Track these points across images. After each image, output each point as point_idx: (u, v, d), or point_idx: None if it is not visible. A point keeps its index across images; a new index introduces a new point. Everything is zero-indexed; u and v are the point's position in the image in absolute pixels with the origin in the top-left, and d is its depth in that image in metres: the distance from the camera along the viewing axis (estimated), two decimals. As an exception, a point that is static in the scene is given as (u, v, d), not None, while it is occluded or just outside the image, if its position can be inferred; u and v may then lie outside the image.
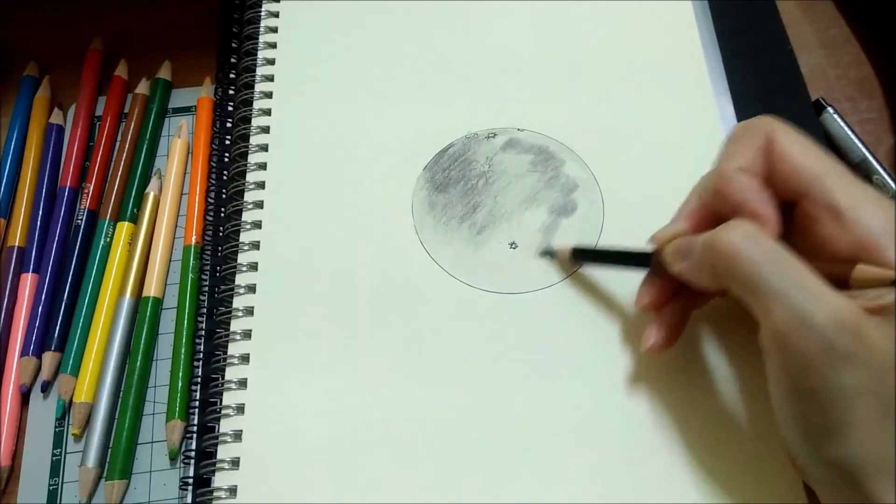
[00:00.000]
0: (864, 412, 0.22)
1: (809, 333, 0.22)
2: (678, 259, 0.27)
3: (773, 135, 0.26)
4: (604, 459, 0.29)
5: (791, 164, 0.25)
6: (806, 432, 0.23)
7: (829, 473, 0.23)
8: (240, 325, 0.32)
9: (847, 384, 0.22)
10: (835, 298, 0.22)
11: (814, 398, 0.22)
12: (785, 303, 0.22)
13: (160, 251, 0.36)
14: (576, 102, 0.38)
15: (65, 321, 0.34)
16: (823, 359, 0.22)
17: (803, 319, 0.22)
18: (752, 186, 0.25)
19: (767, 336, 0.23)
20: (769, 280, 0.23)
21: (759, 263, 0.23)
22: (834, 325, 0.22)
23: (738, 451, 0.29)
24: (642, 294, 0.29)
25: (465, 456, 0.29)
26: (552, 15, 0.40)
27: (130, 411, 0.32)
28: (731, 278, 0.24)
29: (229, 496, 0.29)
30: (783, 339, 0.22)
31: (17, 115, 0.39)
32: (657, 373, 0.31)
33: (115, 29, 0.43)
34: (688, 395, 0.30)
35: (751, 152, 0.26)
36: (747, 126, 0.27)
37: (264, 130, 0.37)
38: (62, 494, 0.31)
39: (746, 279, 0.23)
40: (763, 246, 0.24)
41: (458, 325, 0.32)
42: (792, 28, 0.42)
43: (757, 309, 0.23)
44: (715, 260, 0.24)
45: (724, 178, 0.26)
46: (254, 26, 0.40)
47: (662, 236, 0.28)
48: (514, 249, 0.34)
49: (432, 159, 0.36)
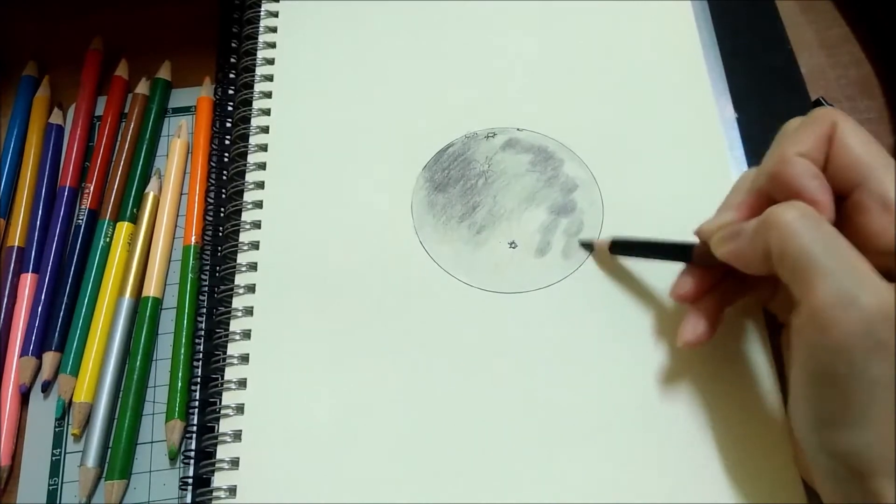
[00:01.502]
0: (886, 407, 0.22)
1: (852, 315, 0.22)
2: (727, 241, 0.27)
3: (836, 125, 0.26)
4: (601, 459, 0.29)
5: (850, 154, 0.25)
6: (821, 419, 0.23)
7: (834, 465, 0.23)
8: (239, 325, 0.32)
9: (876, 374, 0.22)
10: (883, 287, 0.22)
11: (838, 383, 0.22)
12: (833, 282, 0.22)
13: (160, 251, 0.36)
14: (575, 102, 0.38)
15: (65, 321, 0.34)
16: (860, 343, 0.22)
17: (850, 300, 0.22)
18: (811, 172, 0.25)
19: (806, 314, 0.23)
20: (820, 258, 0.23)
21: (812, 241, 0.23)
22: (878, 311, 0.22)
23: (738, 451, 0.29)
24: (681, 283, 0.29)
25: (465, 456, 0.29)
26: (552, 15, 0.40)
27: (130, 411, 0.32)
28: (783, 255, 0.24)
29: (229, 496, 0.29)
30: (823, 317, 0.22)
31: (17, 114, 0.40)
32: (657, 373, 0.31)
33: (115, 29, 0.43)
34: (688, 395, 0.30)
35: (812, 140, 0.26)
36: (810, 116, 0.27)
37: (263, 130, 0.37)
38: (62, 494, 0.31)
39: (798, 256, 0.23)
40: (818, 226, 0.24)
41: (457, 325, 0.32)
42: (792, 28, 0.42)
43: (802, 287, 0.23)
44: (769, 236, 0.24)
45: (785, 161, 0.26)
46: (253, 26, 0.40)
47: (709, 227, 0.28)
48: (514, 249, 0.34)
49: (432, 159, 0.36)
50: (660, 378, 0.31)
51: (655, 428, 0.30)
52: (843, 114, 0.26)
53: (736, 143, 0.36)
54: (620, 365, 0.31)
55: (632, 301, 0.32)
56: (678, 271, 0.30)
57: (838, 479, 0.23)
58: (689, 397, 0.30)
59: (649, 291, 0.32)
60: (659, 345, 0.31)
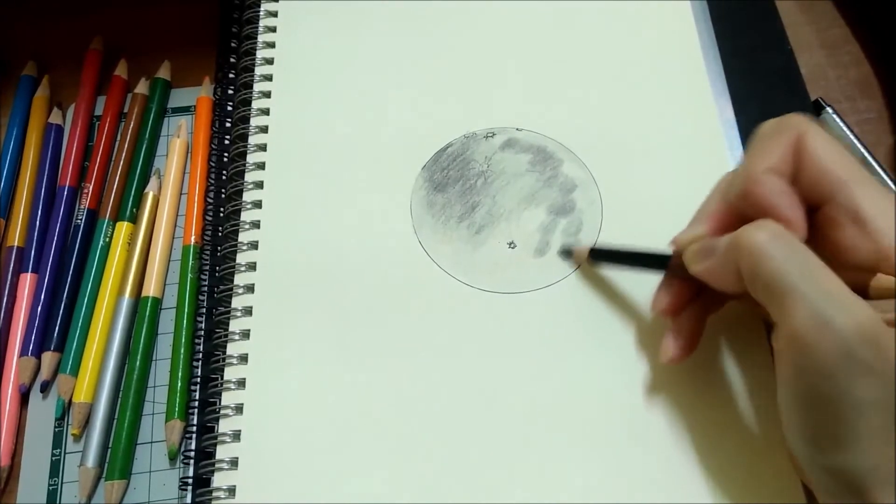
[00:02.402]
0: (874, 424, 0.21)
1: (829, 338, 0.21)
2: (700, 259, 0.26)
3: (805, 136, 0.25)
4: (601, 459, 0.29)
5: (819, 166, 0.25)
6: (812, 438, 0.23)
7: (830, 480, 0.23)
8: (239, 325, 0.32)
9: (861, 394, 0.21)
10: (858, 306, 0.22)
11: (824, 404, 0.22)
12: (807, 305, 0.22)
13: (159, 251, 0.36)
14: (574, 102, 0.38)
15: (64, 321, 0.34)
16: (840, 365, 0.21)
17: (825, 323, 0.21)
18: (781, 190, 0.25)
19: (784, 338, 0.23)
20: (793, 281, 0.22)
21: (784, 264, 0.23)
22: (855, 332, 0.21)
23: (738, 450, 0.29)
24: (659, 298, 0.29)
25: (465, 455, 0.29)
26: (551, 15, 0.40)
27: (130, 411, 0.32)
28: (755, 278, 0.23)
29: (228, 496, 0.29)
30: (801, 342, 0.22)
31: (17, 114, 0.40)
32: (656, 373, 0.31)
33: (115, 29, 0.43)
34: (688, 395, 0.30)
35: (780, 152, 0.25)
36: (778, 124, 0.26)
37: (263, 130, 0.37)
38: (62, 494, 0.31)
39: (770, 279, 0.23)
40: (790, 247, 0.23)
41: (456, 325, 0.32)
42: (792, 28, 0.42)
43: (777, 310, 0.23)
44: (740, 258, 0.24)
45: (753, 180, 0.25)
46: (253, 26, 0.40)
47: (684, 239, 0.28)
48: (513, 249, 0.34)
49: (431, 159, 0.36)
50: (658, 378, 0.31)
51: (654, 428, 0.30)
52: (812, 123, 0.26)
53: (735, 143, 0.36)
54: (619, 365, 0.31)
55: (631, 301, 0.32)
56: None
57: (836, 493, 0.23)
58: (688, 397, 0.30)
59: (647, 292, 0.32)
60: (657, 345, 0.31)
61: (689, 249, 0.27)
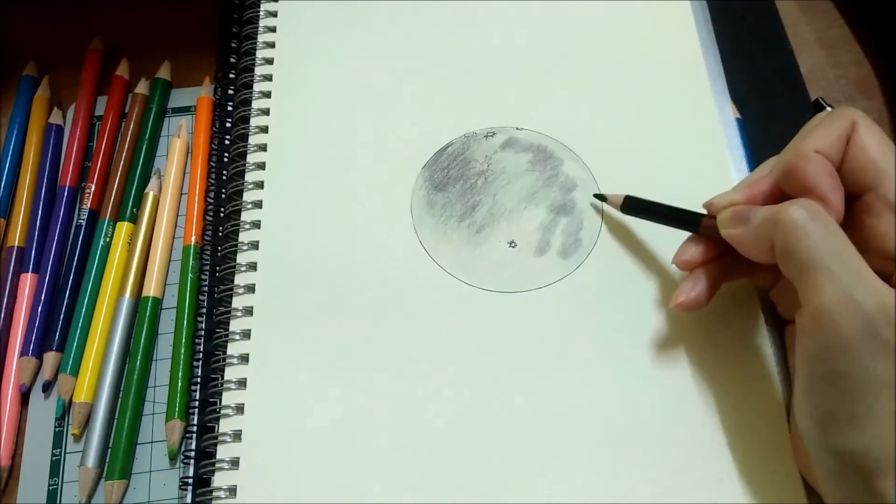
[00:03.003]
0: (889, 405, 0.22)
1: (855, 315, 0.22)
2: (734, 224, 0.27)
3: (856, 125, 0.26)
4: (602, 458, 0.29)
5: (866, 156, 0.26)
6: (826, 417, 0.24)
7: (839, 465, 0.23)
8: (239, 324, 0.32)
9: (881, 373, 0.22)
10: (885, 289, 0.23)
11: (843, 381, 0.23)
12: (837, 283, 0.23)
13: (160, 251, 0.36)
14: (575, 102, 0.38)
15: (65, 321, 0.34)
16: (864, 343, 0.22)
17: (852, 302, 0.22)
18: (826, 170, 0.26)
19: (809, 314, 0.23)
20: (826, 260, 0.23)
21: (819, 243, 0.24)
22: (880, 312, 0.22)
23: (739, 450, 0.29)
24: (683, 251, 0.30)
25: (465, 455, 0.29)
26: (551, 14, 0.40)
27: (130, 411, 0.32)
28: (789, 253, 0.24)
29: (229, 496, 0.29)
30: (827, 318, 0.23)
31: (17, 114, 0.40)
32: (657, 372, 0.31)
33: (115, 29, 0.43)
34: (689, 394, 0.30)
35: (831, 138, 0.26)
36: (832, 113, 0.27)
37: (263, 130, 0.37)
38: (62, 494, 0.31)
39: (804, 256, 0.24)
40: (826, 228, 0.24)
41: (457, 324, 0.32)
42: (792, 28, 0.42)
43: (805, 286, 0.24)
44: (776, 232, 0.25)
45: (801, 156, 0.26)
46: (252, 26, 0.40)
47: (719, 202, 0.28)
48: (514, 248, 0.34)
49: (431, 158, 0.36)
50: (658, 377, 0.31)
51: (654, 427, 0.30)
52: (865, 115, 0.27)
53: (735, 143, 0.36)
54: (619, 364, 0.31)
55: (631, 300, 0.32)
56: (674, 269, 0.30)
57: (843, 479, 0.24)
58: (688, 397, 0.30)
59: (648, 291, 0.32)
60: (657, 344, 0.31)
61: (724, 213, 0.28)
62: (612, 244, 0.34)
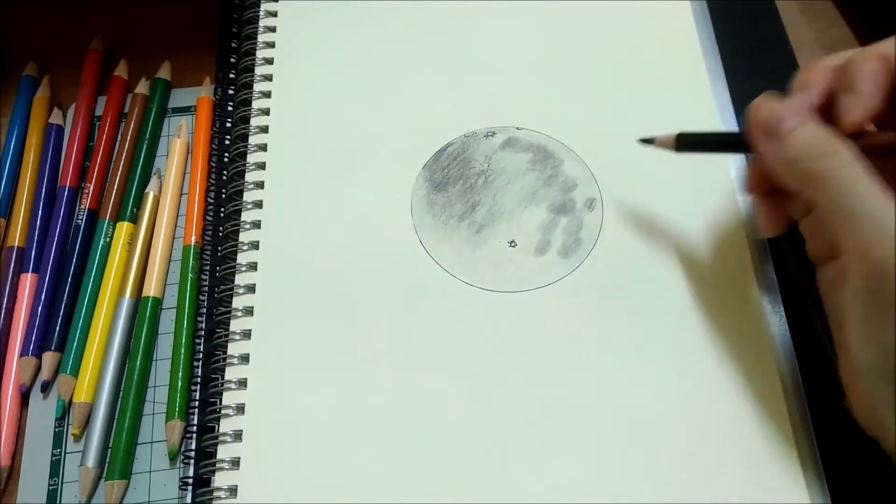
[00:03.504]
0: None
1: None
2: (764, 135, 0.26)
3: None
4: (604, 457, 0.29)
5: None
6: (893, 350, 0.22)
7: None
8: (239, 324, 0.32)
9: None
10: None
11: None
12: (873, 225, 0.22)
13: (160, 251, 0.36)
14: (574, 101, 0.38)
15: (64, 321, 0.34)
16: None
17: (890, 234, 0.22)
18: (877, 73, 0.25)
19: (856, 258, 0.23)
20: (857, 205, 0.22)
21: (847, 187, 0.23)
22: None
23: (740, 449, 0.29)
24: (746, 176, 0.29)
25: (465, 455, 0.29)
26: (551, 14, 0.40)
27: (130, 411, 0.32)
28: (818, 193, 0.24)
29: (229, 496, 0.29)
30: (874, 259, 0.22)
31: (17, 114, 0.40)
32: (658, 370, 0.31)
33: (115, 29, 0.43)
34: (687, 393, 0.30)
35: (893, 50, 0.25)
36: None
37: (263, 130, 0.37)
38: (62, 494, 0.31)
39: (836, 203, 0.23)
40: (855, 172, 0.23)
41: (457, 324, 0.32)
42: (792, 28, 0.42)
43: (843, 231, 0.23)
44: (802, 176, 0.24)
45: (859, 58, 0.25)
46: (252, 26, 0.40)
47: (757, 102, 0.27)
48: (514, 248, 0.34)
49: (431, 158, 0.36)
50: (658, 376, 0.31)
51: (654, 426, 0.30)
52: None
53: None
54: (620, 363, 0.31)
55: (630, 300, 0.32)
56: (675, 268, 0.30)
57: None
58: (688, 396, 0.30)
59: (648, 290, 0.32)
60: (657, 343, 0.31)
61: (757, 115, 0.26)
62: (613, 243, 0.34)
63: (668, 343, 0.31)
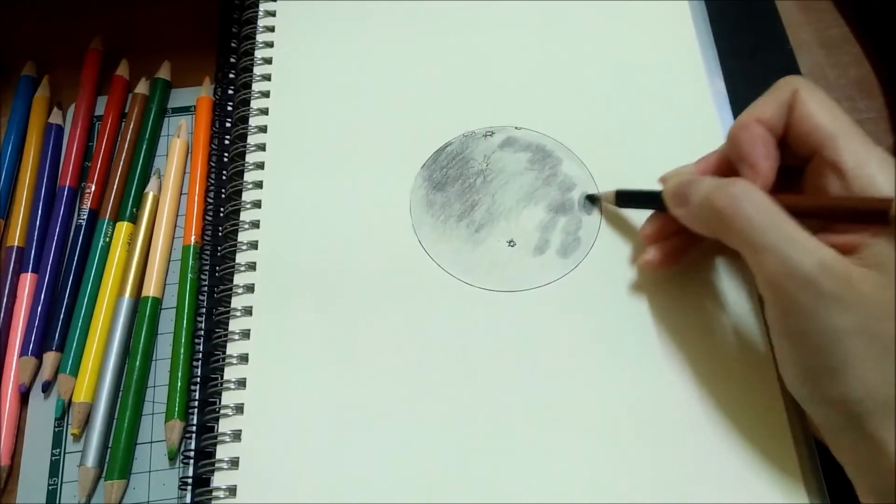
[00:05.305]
0: (859, 351, 0.23)
1: (798, 279, 0.24)
2: (676, 204, 0.29)
3: (798, 93, 0.27)
4: (604, 455, 0.29)
5: (809, 122, 0.27)
6: (805, 373, 0.25)
7: (831, 414, 0.24)
8: (238, 324, 0.32)
9: (838, 324, 0.23)
10: (821, 248, 0.24)
11: (810, 339, 0.24)
12: (775, 254, 0.24)
13: (159, 251, 0.36)
14: (573, 101, 0.38)
15: (64, 321, 0.34)
16: (814, 302, 0.23)
17: (793, 268, 0.24)
18: (761, 138, 0.27)
19: (762, 286, 0.25)
20: (761, 235, 0.25)
21: (750, 220, 0.25)
22: (821, 270, 0.23)
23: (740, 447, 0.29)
24: (645, 227, 0.31)
25: (465, 454, 0.29)
26: (549, 14, 0.40)
27: (130, 411, 0.32)
28: (727, 234, 0.26)
29: (228, 496, 0.29)
30: (776, 287, 0.24)
31: (17, 114, 0.40)
32: (654, 370, 0.31)
33: (115, 29, 0.43)
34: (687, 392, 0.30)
35: (774, 107, 0.27)
36: (775, 84, 0.28)
37: (262, 130, 0.37)
38: (61, 494, 0.31)
39: (740, 235, 0.25)
40: (756, 203, 0.25)
41: (456, 324, 0.32)
42: (791, 28, 0.42)
43: (751, 261, 0.25)
44: (711, 216, 0.26)
45: (740, 125, 0.28)
46: (252, 26, 0.40)
47: (668, 175, 0.30)
48: (513, 247, 0.34)
49: (430, 158, 0.36)
50: (657, 375, 0.31)
51: (654, 425, 0.30)
52: (807, 81, 0.28)
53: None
54: (618, 362, 0.31)
55: (629, 299, 0.32)
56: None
57: (838, 429, 0.24)
58: (687, 395, 0.30)
59: (647, 289, 0.32)
60: (656, 342, 0.31)
61: (667, 190, 0.29)
62: (611, 243, 0.34)
63: (668, 342, 0.31)
